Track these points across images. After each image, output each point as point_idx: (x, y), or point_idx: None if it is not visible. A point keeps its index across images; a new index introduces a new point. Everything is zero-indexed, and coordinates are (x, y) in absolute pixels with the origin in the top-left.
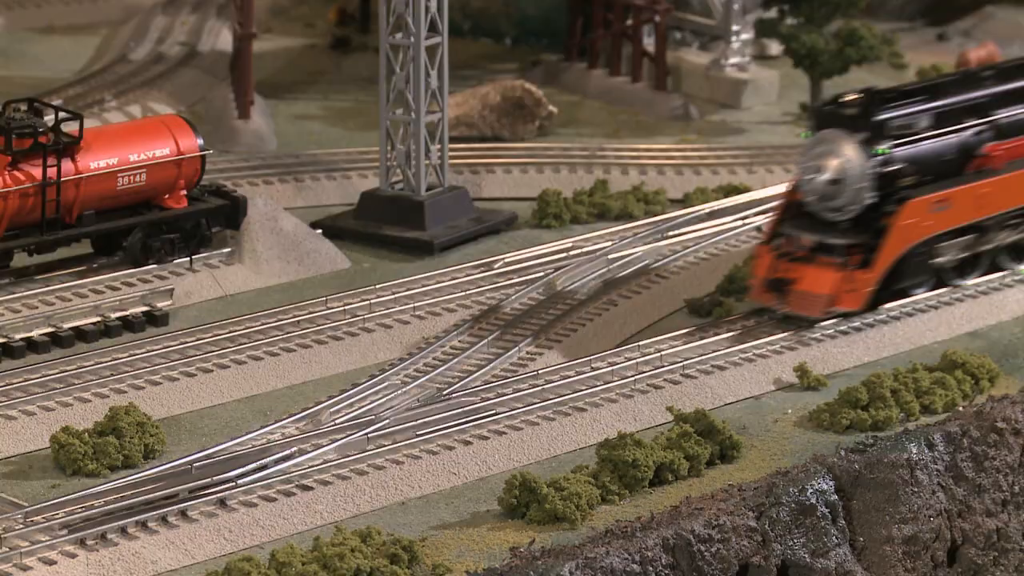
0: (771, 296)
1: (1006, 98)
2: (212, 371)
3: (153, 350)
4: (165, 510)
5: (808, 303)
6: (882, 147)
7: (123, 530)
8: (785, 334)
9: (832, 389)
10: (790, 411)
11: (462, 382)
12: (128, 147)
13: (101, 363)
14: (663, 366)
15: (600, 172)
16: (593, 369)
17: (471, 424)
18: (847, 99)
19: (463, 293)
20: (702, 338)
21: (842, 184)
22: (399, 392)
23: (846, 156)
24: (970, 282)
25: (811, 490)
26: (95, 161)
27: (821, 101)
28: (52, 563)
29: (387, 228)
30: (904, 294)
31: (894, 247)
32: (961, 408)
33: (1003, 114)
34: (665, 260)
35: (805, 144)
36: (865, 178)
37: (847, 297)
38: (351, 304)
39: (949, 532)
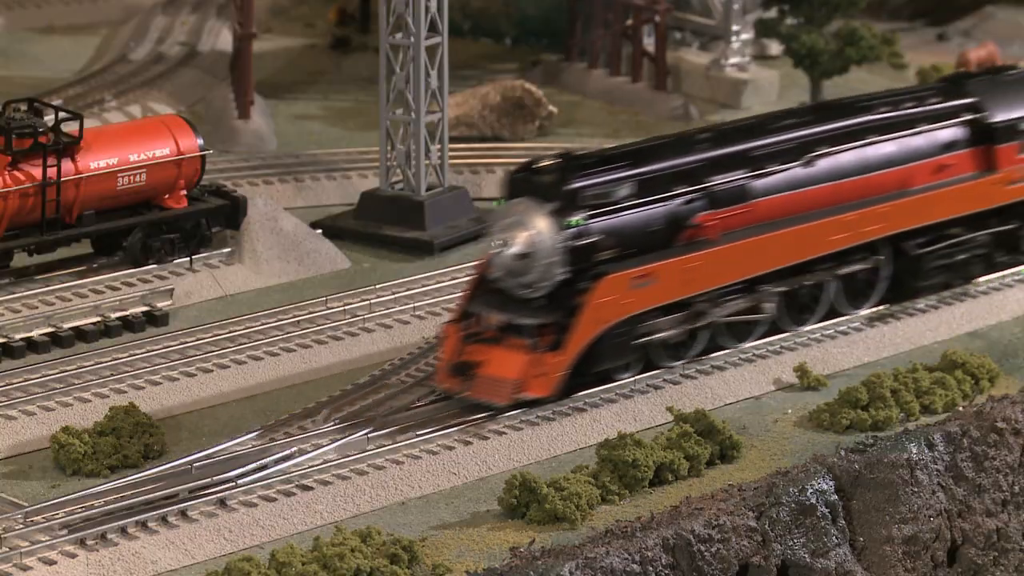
0: (455, 381)
1: (721, 164)
2: (212, 371)
3: (153, 350)
4: (165, 510)
5: (493, 389)
6: (575, 218)
7: (123, 530)
8: (785, 334)
9: (832, 389)
10: (790, 411)
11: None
12: (128, 147)
13: (101, 363)
14: (663, 366)
15: None
16: None
17: (471, 424)
18: (541, 164)
19: (463, 293)
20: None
21: (531, 258)
22: (399, 392)
23: (535, 228)
24: (680, 363)
25: (811, 490)
26: (95, 161)
27: (516, 167)
28: (52, 563)
29: (387, 228)
30: (609, 377)
31: (588, 327)
32: (961, 408)
33: (718, 181)
34: None
35: (496, 214)
36: (556, 252)
37: (535, 382)
38: (351, 304)
39: (949, 532)
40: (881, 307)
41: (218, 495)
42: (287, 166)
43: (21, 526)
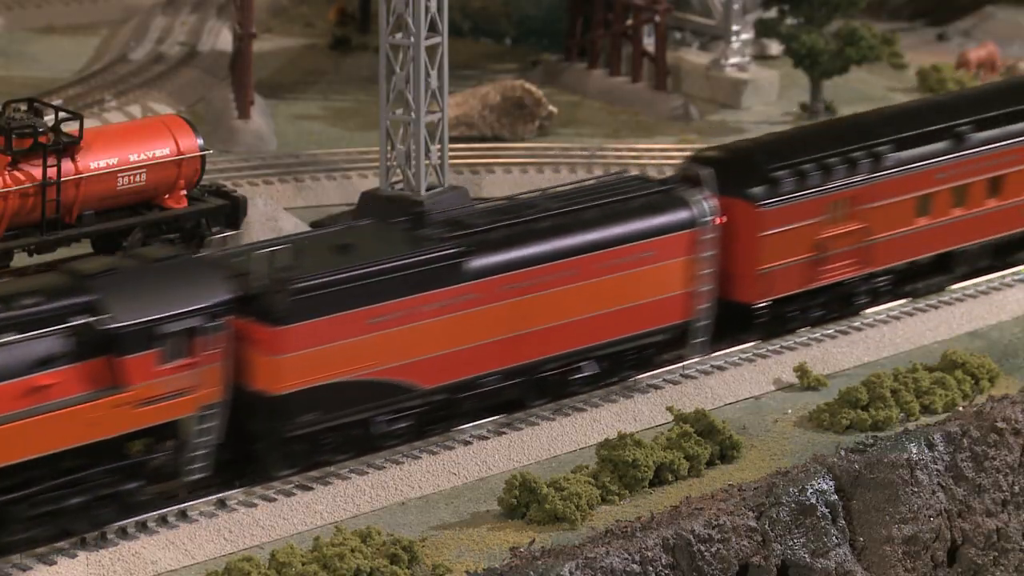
0: None
1: None
2: None
3: None
4: (165, 510)
5: None
6: None
7: (123, 530)
8: (785, 334)
9: (832, 389)
10: (790, 411)
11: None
12: (128, 147)
13: None
14: (663, 366)
15: (600, 172)
16: None
17: (471, 424)
18: None
19: None
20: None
21: None
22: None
23: None
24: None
25: (811, 490)
26: (95, 161)
27: None
28: (52, 563)
29: None
30: None
31: None
32: (961, 408)
33: None
34: None
35: None
36: None
37: None
38: None
39: (949, 532)
40: None
41: (218, 495)
42: (287, 166)
43: None
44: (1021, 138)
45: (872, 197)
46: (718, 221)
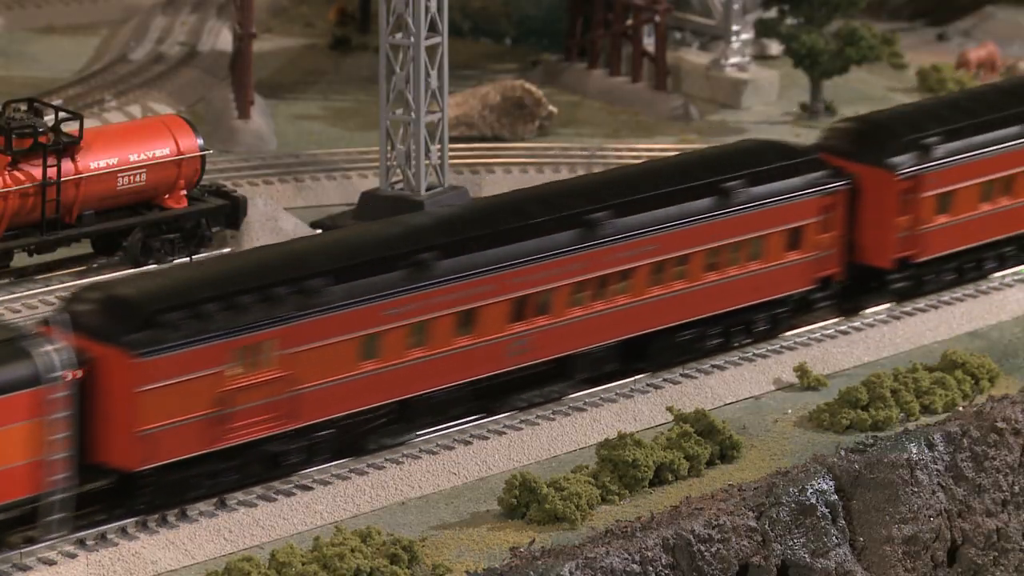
0: None
1: None
2: None
3: None
4: (165, 510)
5: None
6: None
7: (123, 530)
8: (785, 334)
9: (832, 389)
10: (790, 411)
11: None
12: (128, 147)
13: None
14: (663, 366)
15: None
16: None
17: (471, 424)
18: None
19: None
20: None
21: None
22: None
23: None
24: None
25: (811, 490)
26: (95, 161)
27: None
28: (52, 563)
29: None
30: None
31: None
32: (961, 408)
33: None
34: None
35: None
36: None
37: None
38: None
39: (949, 532)
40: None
41: (218, 495)
42: (287, 166)
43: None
44: (495, 266)
45: (298, 339)
46: (73, 376)
